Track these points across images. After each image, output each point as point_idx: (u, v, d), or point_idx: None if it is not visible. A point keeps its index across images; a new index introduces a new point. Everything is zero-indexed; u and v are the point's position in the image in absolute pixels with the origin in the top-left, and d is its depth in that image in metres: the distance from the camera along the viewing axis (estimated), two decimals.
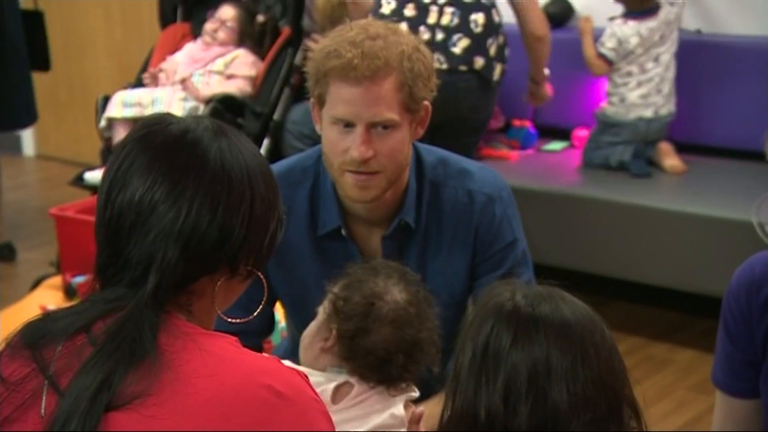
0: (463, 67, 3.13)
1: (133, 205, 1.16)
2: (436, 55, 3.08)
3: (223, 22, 3.98)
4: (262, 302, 1.34)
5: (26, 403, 1.12)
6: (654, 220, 3.47)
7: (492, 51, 3.16)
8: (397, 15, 3.11)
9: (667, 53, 3.76)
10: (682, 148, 3.84)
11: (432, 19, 3.12)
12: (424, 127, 1.82)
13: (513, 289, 1.19)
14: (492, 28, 3.17)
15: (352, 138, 1.72)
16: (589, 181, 3.80)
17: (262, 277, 1.26)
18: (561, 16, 4.17)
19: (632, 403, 1.19)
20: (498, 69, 3.22)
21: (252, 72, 3.94)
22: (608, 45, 3.76)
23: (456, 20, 3.12)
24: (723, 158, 3.86)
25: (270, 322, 1.99)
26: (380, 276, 1.58)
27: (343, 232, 1.86)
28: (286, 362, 1.45)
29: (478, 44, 3.13)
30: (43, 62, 4.45)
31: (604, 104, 3.86)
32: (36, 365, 1.12)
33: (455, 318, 1.90)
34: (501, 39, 3.21)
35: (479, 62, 3.14)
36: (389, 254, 1.85)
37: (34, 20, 4.40)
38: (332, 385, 1.54)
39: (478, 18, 3.14)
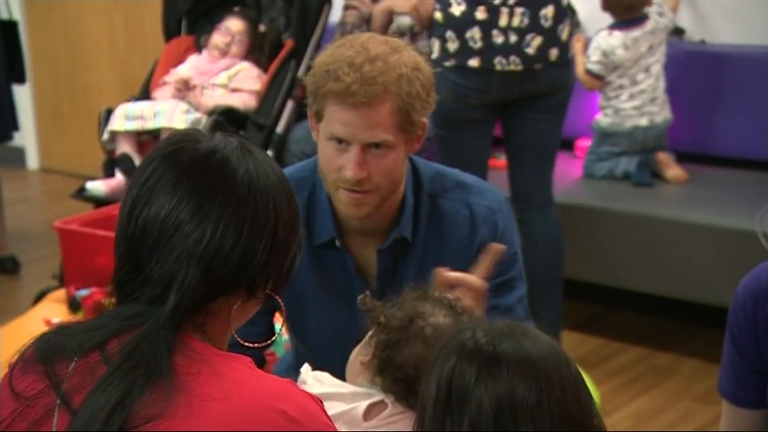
0: (538, 65, 3.14)
1: (157, 223, 1.15)
2: (511, 58, 3.11)
3: (234, 36, 3.98)
4: (272, 325, 1.32)
5: (40, 420, 1.11)
6: (658, 229, 3.47)
7: (564, 35, 3.16)
8: (468, 17, 3.11)
9: (657, 63, 3.75)
10: (685, 158, 3.84)
11: (503, 21, 3.11)
12: (420, 142, 1.82)
13: (473, 326, 1.18)
14: (562, 13, 3.16)
15: (347, 156, 1.73)
16: (591, 191, 3.80)
17: (280, 300, 1.26)
18: None
19: None
20: (571, 46, 3.24)
21: (256, 85, 3.94)
22: (593, 59, 3.76)
23: (526, 20, 3.11)
24: (726, 168, 3.86)
25: (271, 333, 1.98)
26: (429, 302, 1.57)
27: (337, 243, 1.86)
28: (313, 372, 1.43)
29: (550, 38, 3.14)
30: (19, 74, 4.42)
31: (598, 116, 3.86)
32: (49, 382, 1.11)
33: None
34: (569, 17, 3.21)
35: (554, 54, 3.15)
36: (384, 267, 1.86)
37: (8, 31, 4.37)
38: (366, 402, 1.52)
39: (547, 12, 3.13)
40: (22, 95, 5.35)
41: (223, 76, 3.95)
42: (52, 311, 3.20)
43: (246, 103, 3.87)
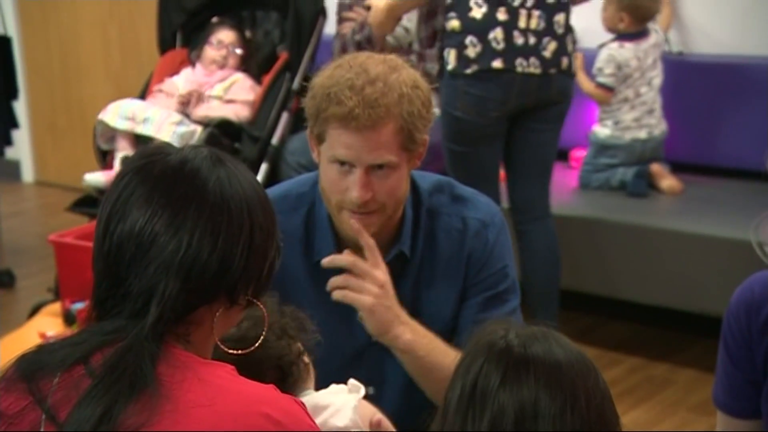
0: (552, 70, 3.18)
1: (132, 237, 1.15)
2: (531, 59, 3.15)
3: (228, 47, 3.98)
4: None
5: None
6: (653, 239, 3.47)
7: (569, 47, 3.24)
8: (491, 19, 3.13)
9: (657, 77, 3.78)
10: (679, 168, 3.85)
11: (522, 23, 3.15)
12: (422, 158, 1.82)
13: (507, 327, 1.18)
14: (569, 26, 3.24)
15: (352, 179, 1.73)
16: (587, 201, 3.80)
17: (261, 307, 1.26)
18: None
19: None
20: (573, 58, 3.31)
21: (250, 96, 3.94)
22: (607, 71, 3.76)
23: (543, 23, 3.16)
24: (721, 178, 3.87)
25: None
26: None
27: None
28: None
29: (562, 45, 3.20)
30: (12, 90, 4.41)
31: (596, 127, 3.86)
32: (33, 398, 1.11)
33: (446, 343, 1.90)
34: (571, 32, 3.28)
35: (565, 62, 3.21)
36: None
37: (2, 47, 4.36)
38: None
39: (560, 19, 3.19)
40: (18, 109, 5.34)
41: (218, 88, 3.95)
42: (48, 325, 3.20)
43: (239, 114, 3.87)
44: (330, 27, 4.00)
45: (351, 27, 3.75)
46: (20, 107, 5.60)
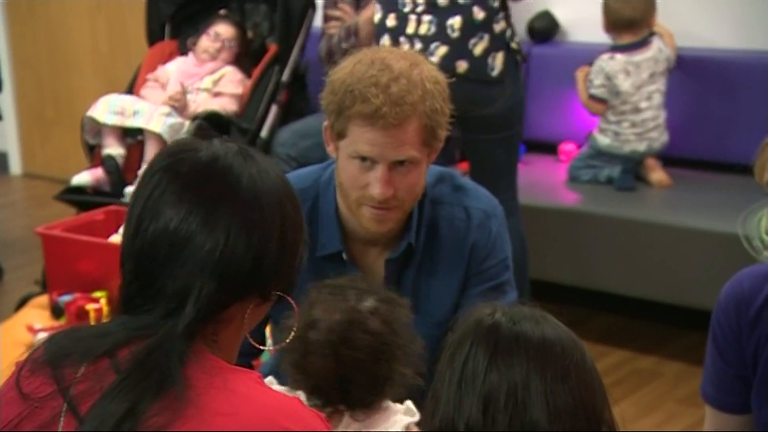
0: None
1: (167, 236, 1.14)
2: None
3: (224, 41, 3.97)
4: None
5: (46, 423, 1.10)
6: (641, 233, 3.48)
7: (477, 50, 3.09)
8: (381, 26, 3.12)
9: (658, 93, 3.73)
10: (668, 162, 3.86)
11: (411, 29, 3.10)
12: (437, 153, 1.82)
13: (494, 306, 1.19)
14: (473, 27, 3.09)
15: (373, 175, 1.73)
16: (575, 195, 3.81)
17: (292, 302, 1.25)
18: (546, 31, 4.19)
19: (611, 427, 1.17)
20: (497, 59, 3.12)
21: (239, 90, 3.93)
22: (596, 82, 3.74)
23: (433, 28, 3.09)
24: (710, 171, 3.87)
25: (262, 342, 1.98)
26: (322, 300, 1.56)
27: (344, 256, 1.86)
28: (279, 387, 1.44)
29: (457, 49, 3.08)
30: None
31: (597, 133, 3.83)
32: (57, 385, 1.11)
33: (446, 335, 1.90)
34: (489, 34, 3.11)
35: (462, 66, 3.08)
36: (391, 276, 1.86)
37: None
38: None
39: (454, 23, 3.08)
40: (5, 100, 5.32)
41: (207, 80, 3.94)
42: (35, 317, 3.19)
43: (226, 108, 3.86)
44: (319, 20, 4.00)
45: (337, 28, 3.73)
46: (7, 99, 5.59)
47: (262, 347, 1.26)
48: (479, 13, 3.10)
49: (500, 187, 3.17)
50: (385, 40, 3.12)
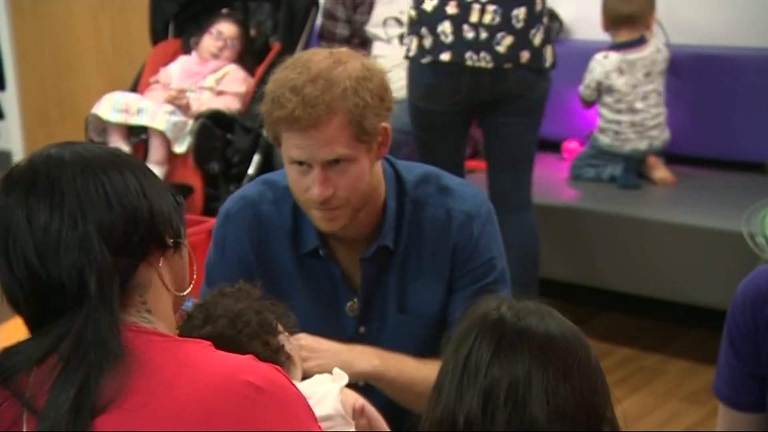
0: (507, 65, 3.17)
1: (27, 241, 1.14)
2: (482, 54, 3.14)
3: (226, 40, 3.98)
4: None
5: (8, 428, 1.11)
6: (645, 231, 3.48)
7: (537, 41, 3.19)
8: (440, 12, 3.15)
9: (654, 93, 3.72)
10: (672, 159, 3.85)
11: (474, 17, 3.15)
12: (387, 146, 1.81)
13: (500, 300, 1.19)
14: (534, 18, 3.19)
15: (311, 177, 1.73)
16: (579, 192, 3.81)
17: (188, 246, 1.27)
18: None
19: (613, 426, 1.16)
20: (548, 52, 3.24)
21: (242, 88, 3.94)
22: (584, 82, 3.76)
23: (498, 18, 3.15)
24: (714, 169, 3.87)
25: None
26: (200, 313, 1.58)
27: (321, 252, 1.85)
28: None
29: (521, 39, 3.17)
30: None
31: (597, 133, 3.82)
32: (10, 393, 1.11)
33: (435, 335, 1.90)
34: (544, 24, 3.24)
35: (524, 56, 3.18)
36: (368, 276, 1.86)
37: None
38: None
39: (519, 13, 3.16)
40: (9, 100, 5.33)
41: (210, 79, 3.95)
42: None
43: (230, 106, 3.87)
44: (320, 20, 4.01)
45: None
46: (11, 98, 5.59)
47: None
48: (539, 5, 3.20)
49: (522, 177, 3.32)
50: (446, 26, 3.14)
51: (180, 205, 1.27)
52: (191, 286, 1.28)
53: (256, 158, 3.75)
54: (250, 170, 3.72)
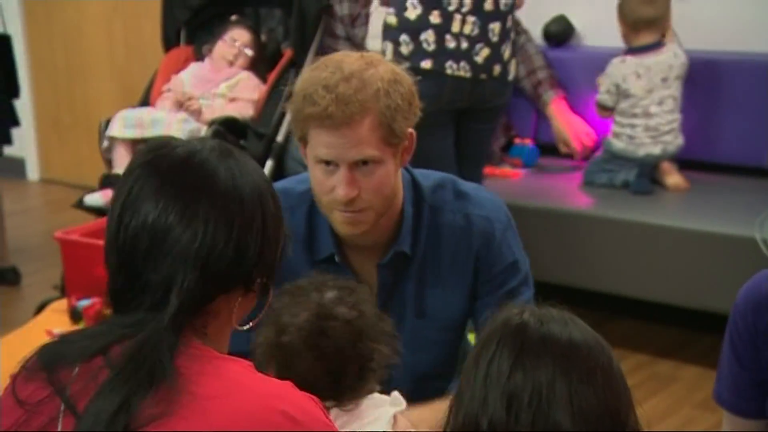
0: (483, 75, 3.27)
1: (146, 230, 1.16)
2: (461, 63, 3.23)
3: (240, 48, 3.99)
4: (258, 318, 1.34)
5: (45, 426, 1.12)
6: (658, 236, 3.47)
7: (506, 55, 3.32)
8: (423, 21, 3.21)
9: (671, 98, 3.70)
10: (685, 165, 3.84)
11: (456, 27, 3.23)
12: (410, 153, 1.82)
13: (522, 307, 1.19)
14: (506, 33, 3.31)
15: (337, 177, 1.73)
16: (592, 198, 3.80)
17: (269, 292, 1.28)
18: (562, 35, 4.19)
19: (636, 429, 1.17)
20: (512, 66, 3.39)
21: (254, 95, 3.95)
22: (602, 88, 3.74)
23: (477, 30, 3.24)
24: (726, 174, 3.86)
25: None
26: (285, 306, 1.56)
27: (336, 259, 1.85)
28: None
29: (495, 53, 3.28)
30: (12, 88, 4.41)
31: (611, 138, 3.82)
32: (53, 388, 1.12)
33: (454, 340, 1.90)
34: (511, 39, 3.37)
35: (497, 69, 3.29)
36: (385, 282, 1.86)
37: (2, 45, 4.36)
38: None
39: (495, 27, 3.27)
40: (23, 106, 5.35)
41: (223, 86, 3.95)
42: (54, 322, 3.20)
43: (243, 113, 3.87)
44: None
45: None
46: (25, 105, 5.62)
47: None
48: (509, 21, 3.32)
49: (480, 176, 3.54)
50: (429, 35, 3.21)
51: (288, 244, 1.28)
52: (251, 324, 1.29)
53: (268, 164, 3.76)
54: None
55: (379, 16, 3.96)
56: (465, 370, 1.17)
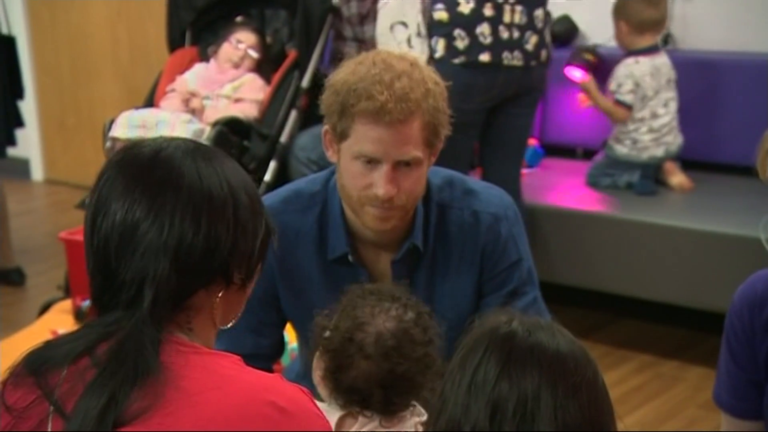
0: (533, 62, 3.36)
1: (116, 228, 1.17)
2: (515, 53, 3.31)
3: (246, 50, 3.99)
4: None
5: (34, 428, 1.12)
6: (662, 237, 3.47)
7: (548, 38, 3.42)
8: (478, 14, 3.27)
9: (674, 101, 3.73)
10: (689, 165, 3.84)
11: (507, 17, 3.30)
12: (437, 155, 1.83)
13: (511, 315, 1.18)
14: (547, 16, 3.41)
15: (377, 174, 1.73)
16: (596, 198, 3.80)
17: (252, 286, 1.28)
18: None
19: None
20: (550, 48, 3.48)
21: (259, 96, 3.94)
22: (625, 88, 3.72)
23: (525, 18, 3.33)
24: (730, 175, 3.86)
25: (281, 346, 1.99)
26: (368, 304, 1.55)
27: (350, 258, 1.86)
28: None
29: (542, 39, 3.38)
30: (17, 89, 4.42)
31: (613, 143, 3.81)
32: (41, 391, 1.13)
33: (461, 337, 1.90)
34: (550, 23, 3.48)
35: (543, 55, 3.39)
36: (398, 278, 1.85)
37: (7, 46, 4.37)
38: (337, 416, 1.52)
39: (539, 14, 3.37)
40: (27, 107, 5.36)
41: (228, 87, 3.95)
42: (59, 322, 3.21)
43: (247, 113, 3.87)
44: None
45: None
46: (29, 106, 5.63)
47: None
48: (548, 6, 3.43)
49: (520, 165, 3.58)
50: (485, 28, 3.27)
51: (268, 244, 1.27)
52: (233, 321, 1.29)
53: (272, 165, 3.76)
54: (267, 177, 3.73)
55: (387, 14, 3.96)
56: (449, 373, 1.16)
